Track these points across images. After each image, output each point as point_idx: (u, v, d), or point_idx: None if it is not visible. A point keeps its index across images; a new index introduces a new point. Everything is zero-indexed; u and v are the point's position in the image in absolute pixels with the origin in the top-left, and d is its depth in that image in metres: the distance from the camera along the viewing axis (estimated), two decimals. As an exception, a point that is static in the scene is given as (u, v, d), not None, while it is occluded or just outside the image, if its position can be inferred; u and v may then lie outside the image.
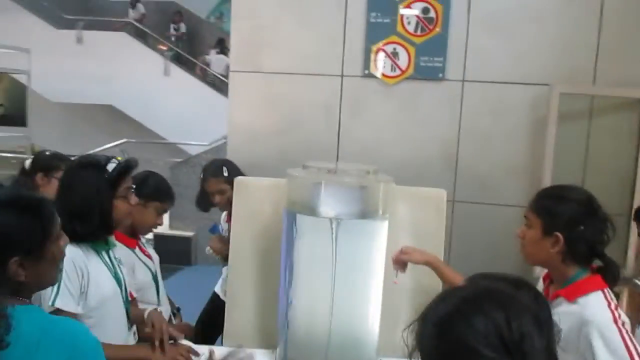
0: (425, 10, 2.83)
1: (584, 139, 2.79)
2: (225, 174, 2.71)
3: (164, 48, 9.95)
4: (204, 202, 2.80)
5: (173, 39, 10.45)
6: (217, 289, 3.02)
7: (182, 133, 8.45)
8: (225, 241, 2.65)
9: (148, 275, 2.22)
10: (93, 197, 1.70)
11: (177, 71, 9.53)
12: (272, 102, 2.98)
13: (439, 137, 2.88)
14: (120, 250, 2.05)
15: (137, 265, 2.20)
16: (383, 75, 2.89)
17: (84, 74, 9.08)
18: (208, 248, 2.80)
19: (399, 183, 2.38)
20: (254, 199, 2.25)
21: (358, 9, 2.87)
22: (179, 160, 7.11)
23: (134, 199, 1.82)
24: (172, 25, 10.59)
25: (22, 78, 8.32)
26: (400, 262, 1.95)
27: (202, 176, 2.80)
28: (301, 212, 1.95)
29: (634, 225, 2.43)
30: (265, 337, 2.18)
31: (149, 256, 2.26)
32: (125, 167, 1.79)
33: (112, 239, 1.87)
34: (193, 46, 10.87)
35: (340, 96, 2.93)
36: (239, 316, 2.22)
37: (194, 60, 10.06)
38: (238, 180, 2.28)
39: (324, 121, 2.95)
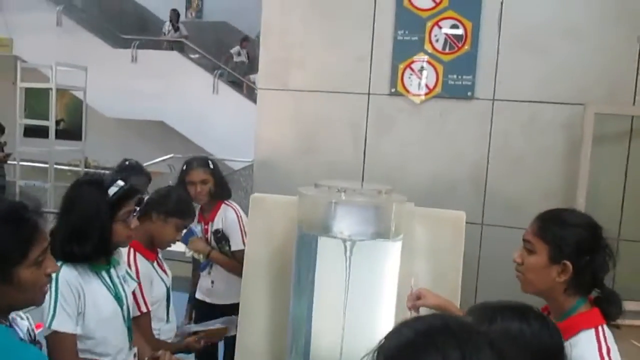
0: (454, 28, 2.78)
1: (623, 162, 2.64)
2: (211, 166, 2.85)
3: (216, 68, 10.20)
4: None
5: (235, 60, 10.66)
6: (200, 295, 2.97)
7: (227, 149, 8.62)
8: (204, 240, 2.80)
9: (163, 290, 2.24)
10: (93, 218, 1.70)
11: (225, 89, 9.76)
12: (299, 120, 2.99)
13: (468, 157, 2.80)
14: (140, 262, 2.08)
15: (155, 279, 2.22)
16: (410, 93, 2.84)
17: (137, 91, 9.45)
18: (187, 250, 2.80)
19: (426, 203, 2.35)
20: (270, 216, 2.26)
21: (385, 27, 2.85)
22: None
23: (134, 223, 1.82)
24: (237, 48, 10.80)
25: (80, 94, 8.74)
26: (415, 307, 1.86)
27: (184, 168, 2.87)
28: (312, 231, 1.93)
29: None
30: (277, 356, 2.15)
31: (165, 271, 2.28)
32: (127, 192, 1.78)
33: (116, 256, 1.87)
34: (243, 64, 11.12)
35: (366, 114, 2.90)
36: (252, 333, 2.21)
37: (242, 79, 10.27)
38: (254, 196, 2.29)
39: (351, 139, 2.92)
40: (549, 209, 1.57)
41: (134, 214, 1.83)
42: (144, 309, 2.07)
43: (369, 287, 1.93)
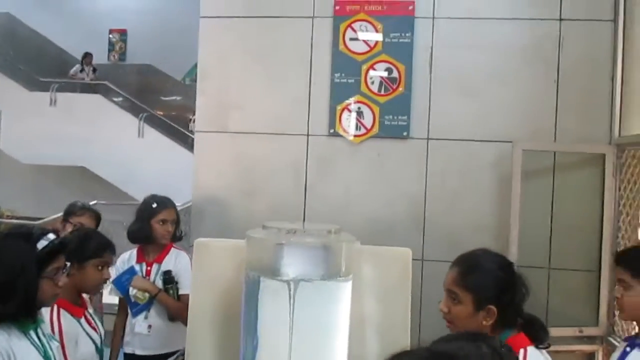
0: (389, 71, 2.90)
1: (549, 195, 2.82)
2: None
3: (140, 110, 9.98)
4: (145, 233, 2.78)
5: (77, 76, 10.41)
6: (130, 348, 2.81)
7: (157, 193, 8.38)
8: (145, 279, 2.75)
9: (90, 349, 2.10)
10: (17, 274, 1.58)
11: (151, 133, 9.55)
12: (239, 162, 2.98)
13: (407, 195, 2.89)
14: (65, 319, 1.95)
15: (81, 336, 2.09)
16: (348, 133, 2.92)
17: (57, 135, 9.05)
18: (131, 289, 2.72)
19: (367, 242, 2.34)
20: (215, 262, 2.17)
21: (323, 70, 2.93)
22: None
23: (62, 281, 1.70)
24: (78, 66, 10.52)
25: (-8, 140, 8.26)
26: None
27: (155, 207, 2.82)
28: (261, 274, 1.88)
29: (607, 276, 2.41)
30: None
31: (94, 328, 2.15)
32: (58, 247, 1.68)
33: (41, 314, 1.75)
34: (169, 107, 10.97)
35: (306, 155, 2.94)
36: (199, 387, 2.11)
37: (169, 122, 10.10)
38: (199, 242, 2.20)
39: (291, 180, 2.95)
40: (463, 255, 1.66)
41: (64, 270, 1.72)
42: None
43: (317, 329, 1.89)
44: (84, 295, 2.20)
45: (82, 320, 2.09)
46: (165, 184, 8.29)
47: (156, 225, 2.78)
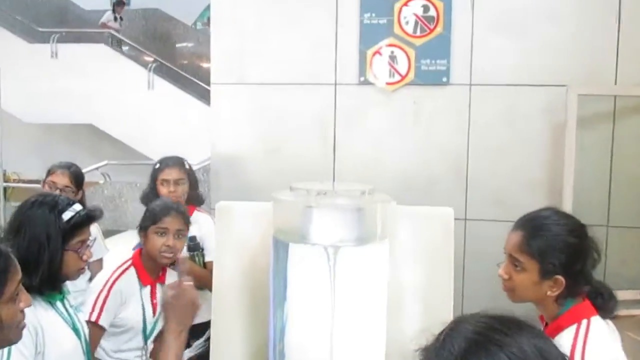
0: (425, 9, 2.81)
1: (608, 145, 2.75)
2: (186, 166, 2.88)
3: (149, 59, 9.96)
4: (153, 195, 2.82)
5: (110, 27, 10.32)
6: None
7: (170, 152, 8.44)
8: None
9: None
10: (42, 246, 1.62)
11: (162, 85, 9.52)
12: (259, 117, 2.97)
13: (447, 148, 2.85)
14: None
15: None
16: (380, 81, 2.87)
17: (60, 91, 9.11)
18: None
19: (402, 202, 2.31)
20: (239, 227, 2.19)
21: (350, 10, 2.85)
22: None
23: (87, 255, 1.74)
24: (110, 13, 10.33)
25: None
26: None
27: (156, 167, 2.88)
28: (291, 240, 1.90)
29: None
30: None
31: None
32: (84, 219, 1.71)
33: (66, 285, 1.80)
34: (180, 56, 10.92)
35: (334, 107, 2.91)
36: (226, 357, 2.15)
37: (181, 72, 10.07)
38: (220, 205, 2.22)
39: (318, 135, 2.93)
40: (528, 215, 1.61)
41: (89, 244, 1.76)
42: None
43: (353, 298, 1.90)
44: None
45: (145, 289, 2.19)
46: (182, 141, 8.38)
47: (160, 187, 2.81)
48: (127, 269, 2.19)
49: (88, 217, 1.73)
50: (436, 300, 2.08)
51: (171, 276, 2.22)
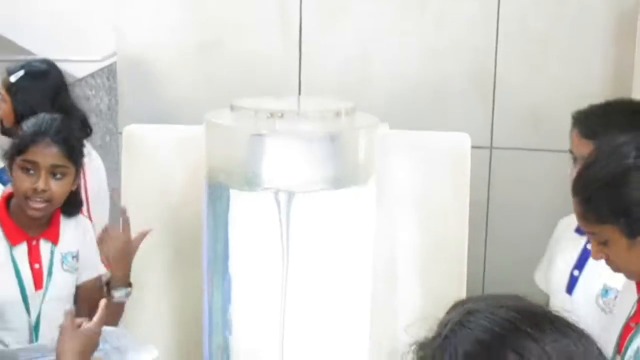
0: None
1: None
2: (13, 78, 2.78)
3: None
4: None
5: None
6: None
7: (62, 45, 8.35)
8: None
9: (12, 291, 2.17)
10: None
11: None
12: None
13: (465, 47, 2.86)
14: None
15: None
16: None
17: None
18: None
19: (400, 125, 2.35)
20: (156, 161, 2.20)
21: None
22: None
23: None
24: None
25: None
26: None
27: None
28: (231, 183, 1.92)
29: None
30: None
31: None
32: None
33: None
34: None
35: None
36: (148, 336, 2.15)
37: None
38: (128, 130, 2.23)
39: (278, 27, 2.92)
40: (590, 161, 1.59)
41: None
42: None
43: (325, 268, 1.94)
44: None
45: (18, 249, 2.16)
46: (72, 27, 8.20)
47: None
48: None
49: None
50: (444, 267, 2.12)
51: (68, 227, 2.20)
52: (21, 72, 2.80)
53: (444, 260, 2.12)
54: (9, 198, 2.15)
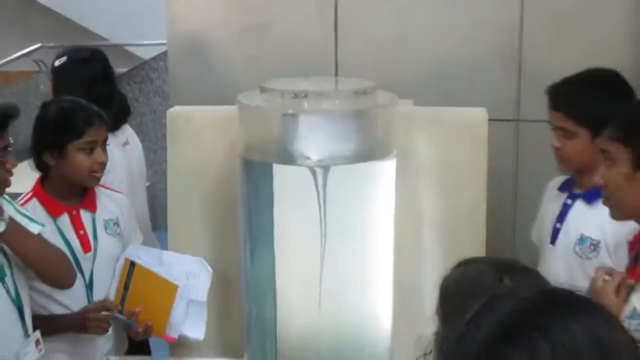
0: None
1: None
2: (57, 62, 2.95)
3: None
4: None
5: None
6: None
7: (127, 28, 8.43)
8: None
9: None
10: None
11: None
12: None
13: (490, 23, 2.87)
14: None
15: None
16: None
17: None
18: None
19: (430, 100, 2.45)
20: (200, 140, 2.29)
21: None
22: (123, 70, 7.14)
23: (11, 163, 1.91)
24: None
25: None
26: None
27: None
28: (263, 158, 2.02)
29: None
30: (228, 341, 2.29)
31: (82, 236, 2.36)
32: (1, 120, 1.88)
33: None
34: None
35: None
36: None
37: None
38: (173, 112, 2.32)
39: (315, 10, 2.97)
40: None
41: (9, 149, 1.93)
42: None
43: (357, 231, 2.04)
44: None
45: (61, 220, 2.32)
46: (134, 12, 8.31)
47: None
48: (26, 202, 2.30)
49: (6, 116, 1.89)
50: (463, 233, 2.18)
51: (104, 198, 2.38)
52: (64, 58, 2.92)
53: (464, 227, 2.19)
54: (42, 180, 2.34)
